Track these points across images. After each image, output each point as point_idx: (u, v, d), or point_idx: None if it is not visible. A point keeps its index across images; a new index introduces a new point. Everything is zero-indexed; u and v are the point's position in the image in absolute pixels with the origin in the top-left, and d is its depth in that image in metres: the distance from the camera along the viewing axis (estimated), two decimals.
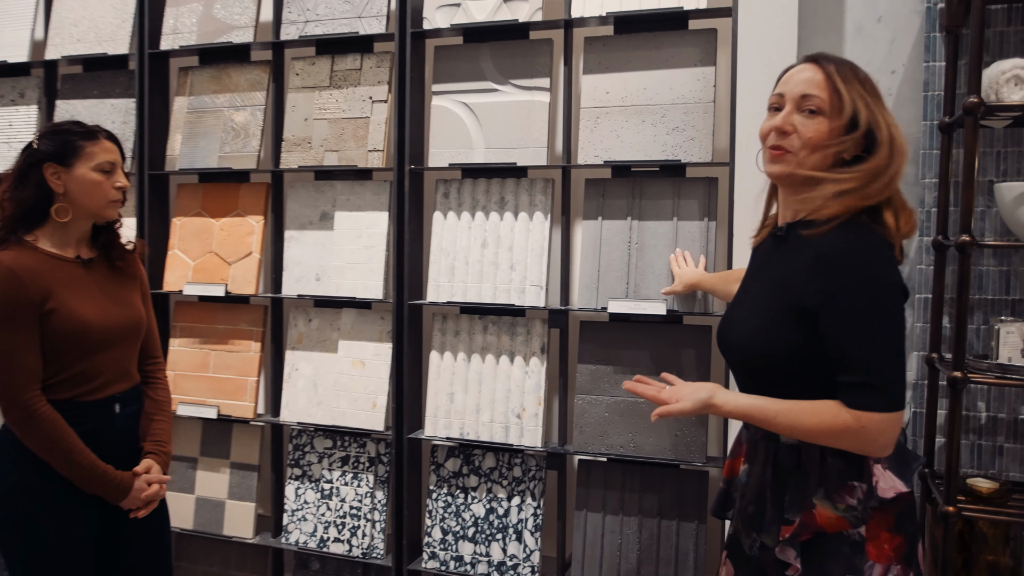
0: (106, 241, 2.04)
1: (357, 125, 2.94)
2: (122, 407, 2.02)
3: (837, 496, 1.48)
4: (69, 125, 1.94)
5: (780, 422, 1.48)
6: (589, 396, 2.67)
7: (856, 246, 1.44)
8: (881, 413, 1.40)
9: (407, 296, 2.84)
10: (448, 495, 2.86)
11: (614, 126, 2.64)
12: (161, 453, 2.07)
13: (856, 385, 1.41)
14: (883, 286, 1.42)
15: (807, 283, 1.46)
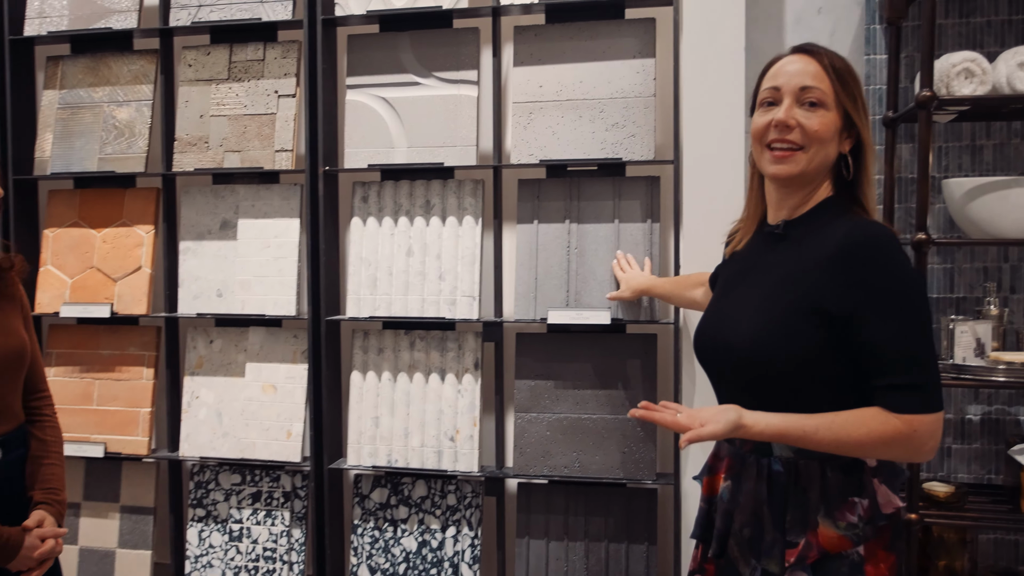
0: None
1: (261, 122, 2.64)
2: (5, 452, 1.73)
3: (839, 514, 1.38)
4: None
5: (822, 436, 1.34)
6: (529, 414, 2.47)
7: (879, 240, 1.33)
8: (930, 414, 1.31)
9: (324, 311, 2.56)
10: (375, 529, 2.60)
11: (549, 122, 2.45)
12: (54, 503, 1.77)
13: (902, 387, 1.31)
14: (913, 280, 1.33)
15: (826, 281, 1.35)
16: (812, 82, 1.40)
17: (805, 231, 1.43)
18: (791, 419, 1.36)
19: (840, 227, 1.36)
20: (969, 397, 2.40)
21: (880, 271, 1.31)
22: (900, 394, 1.31)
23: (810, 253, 1.39)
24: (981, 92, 2.04)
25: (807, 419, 1.35)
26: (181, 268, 2.70)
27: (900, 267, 1.32)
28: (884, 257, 1.32)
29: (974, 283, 2.39)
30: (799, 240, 1.43)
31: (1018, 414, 2.38)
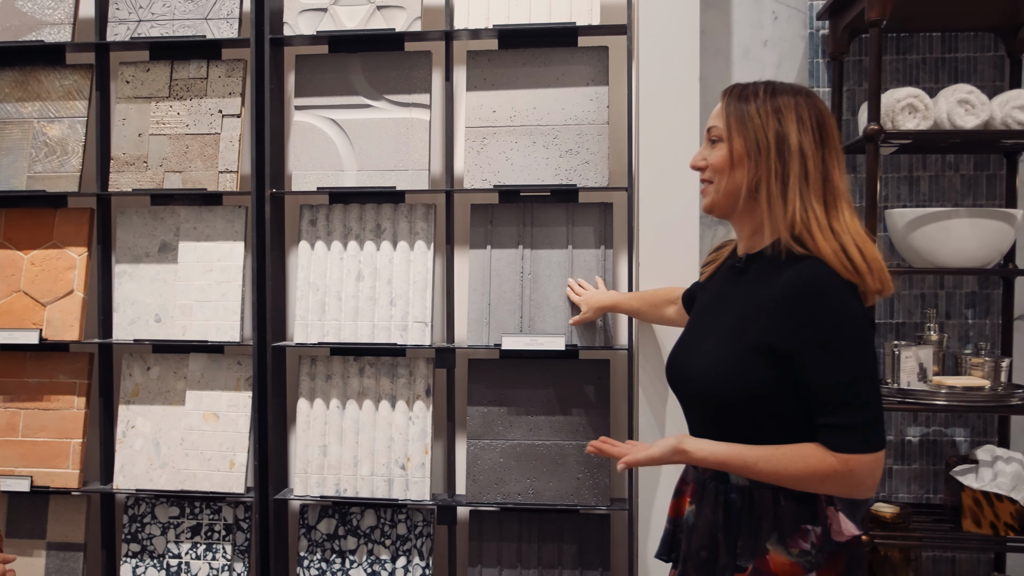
0: None
1: (205, 142, 2.55)
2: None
3: (791, 540, 1.41)
4: None
5: (762, 468, 1.39)
6: (481, 441, 2.44)
7: (823, 284, 1.36)
8: (868, 454, 1.34)
9: (270, 337, 2.48)
10: (322, 561, 2.52)
11: (502, 147, 2.44)
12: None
13: (839, 427, 1.34)
14: (856, 321, 1.35)
15: (775, 321, 1.37)
16: (714, 121, 1.48)
17: (761, 267, 1.46)
18: (734, 449, 1.41)
19: (789, 267, 1.39)
20: (909, 419, 2.48)
21: (823, 313, 1.34)
22: (838, 433, 1.34)
23: (763, 292, 1.41)
24: (924, 127, 2.12)
25: (750, 450, 1.40)
26: (116, 292, 2.59)
27: (843, 310, 1.34)
28: (827, 299, 1.34)
29: (912, 309, 2.48)
30: (756, 276, 1.46)
31: (954, 435, 2.47)
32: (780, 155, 1.41)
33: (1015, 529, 2.17)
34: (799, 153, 1.41)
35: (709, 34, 2.50)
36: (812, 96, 1.45)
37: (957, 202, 2.46)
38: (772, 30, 2.51)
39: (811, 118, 1.42)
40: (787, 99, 1.43)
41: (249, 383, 2.54)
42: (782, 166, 1.41)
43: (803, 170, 1.41)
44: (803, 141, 1.41)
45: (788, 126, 1.41)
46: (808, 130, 1.42)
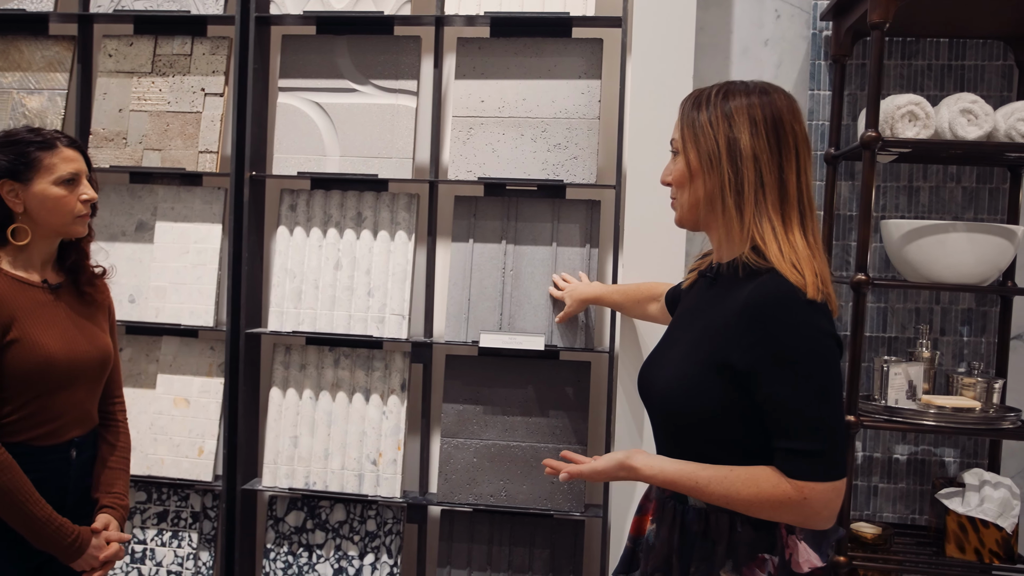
0: (75, 263, 1.78)
1: (186, 121, 2.49)
2: (79, 453, 1.75)
3: (747, 570, 1.32)
4: (23, 133, 1.68)
5: (712, 490, 1.31)
6: (455, 439, 2.38)
7: (782, 299, 1.27)
8: (825, 483, 1.25)
9: (244, 324, 2.42)
10: (289, 554, 2.47)
11: (489, 139, 2.37)
12: (119, 507, 1.80)
13: (796, 452, 1.25)
14: (819, 338, 1.26)
15: (733, 337, 1.30)
16: (673, 133, 1.42)
17: (726, 280, 1.38)
18: (685, 468, 1.34)
19: (750, 281, 1.31)
20: (897, 437, 2.41)
21: (780, 329, 1.26)
22: (794, 458, 1.26)
23: (726, 306, 1.34)
24: (924, 135, 2.04)
25: (702, 470, 1.32)
26: None
27: (804, 326, 1.26)
28: (787, 315, 1.26)
29: (906, 323, 2.40)
30: (722, 289, 1.39)
31: (943, 455, 2.39)
32: (732, 163, 1.33)
33: (1000, 557, 2.10)
34: (752, 159, 1.32)
35: (708, 31, 2.41)
36: (770, 94, 1.35)
37: (958, 215, 2.37)
38: (773, 29, 2.42)
39: (765, 119, 1.32)
40: (739, 101, 1.34)
41: (221, 369, 2.48)
42: (735, 175, 1.32)
43: (758, 178, 1.32)
44: (756, 146, 1.32)
45: (740, 131, 1.32)
46: (762, 134, 1.32)
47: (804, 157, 1.35)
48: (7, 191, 1.65)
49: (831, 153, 2.32)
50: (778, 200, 1.32)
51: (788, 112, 1.34)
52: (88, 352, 1.73)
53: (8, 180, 1.64)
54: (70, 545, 1.66)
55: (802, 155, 1.34)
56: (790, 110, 1.35)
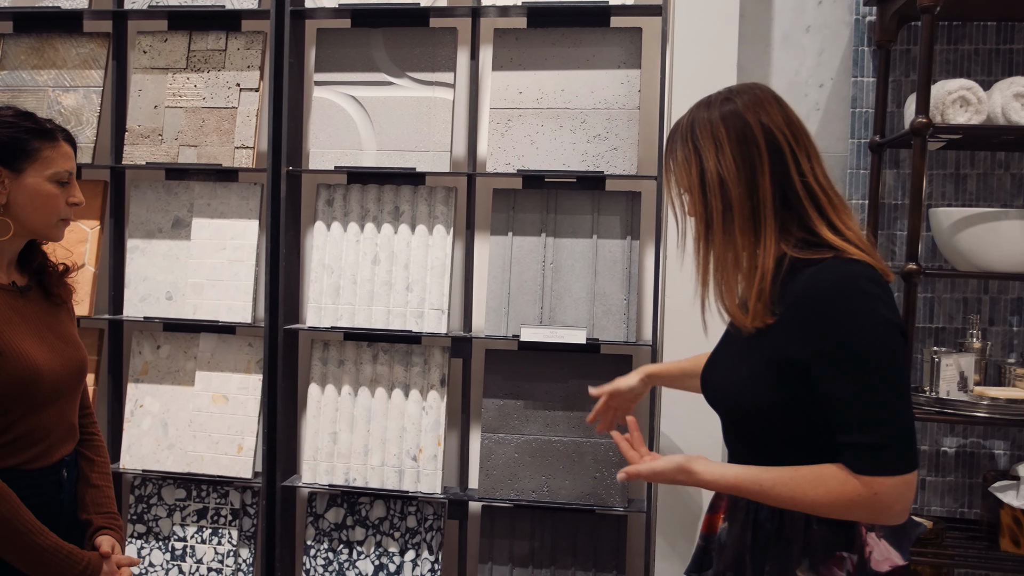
0: (41, 263, 1.59)
1: (221, 116, 2.48)
2: (68, 473, 1.58)
3: (824, 568, 1.28)
4: (15, 117, 1.48)
5: (779, 493, 1.26)
6: (496, 435, 2.36)
7: (836, 285, 1.22)
8: (894, 476, 1.19)
9: (282, 320, 2.41)
10: (329, 551, 2.46)
11: (528, 130, 2.34)
12: (117, 528, 1.63)
13: (862, 447, 1.20)
14: (882, 326, 1.21)
15: (790, 330, 1.26)
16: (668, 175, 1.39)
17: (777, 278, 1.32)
18: (748, 472, 1.30)
19: (801, 272, 1.26)
20: (945, 430, 2.36)
21: (841, 320, 1.21)
22: (862, 453, 1.20)
23: (780, 298, 1.29)
24: (976, 121, 2.00)
25: (765, 473, 1.28)
26: (128, 267, 2.53)
27: (865, 314, 1.20)
28: (846, 305, 1.21)
29: (954, 314, 2.36)
30: None
31: (993, 448, 2.35)
32: (719, 193, 1.30)
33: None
34: (719, 185, 1.29)
35: (747, 18, 2.37)
36: (732, 100, 1.31)
37: (1007, 202, 2.33)
38: (815, 15, 2.38)
39: (729, 135, 1.29)
40: (703, 127, 1.31)
41: (259, 366, 2.47)
42: (722, 202, 1.29)
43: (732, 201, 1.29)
44: (722, 169, 1.29)
45: (707, 161, 1.30)
46: (727, 152, 1.29)
47: (796, 150, 1.29)
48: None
49: (876, 141, 2.28)
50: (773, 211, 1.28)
51: (753, 116, 1.29)
52: (68, 361, 1.55)
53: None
54: (80, 575, 1.48)
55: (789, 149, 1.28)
56: (756, 111, 1.29)
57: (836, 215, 1.30)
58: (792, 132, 1.30)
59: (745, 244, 1.30)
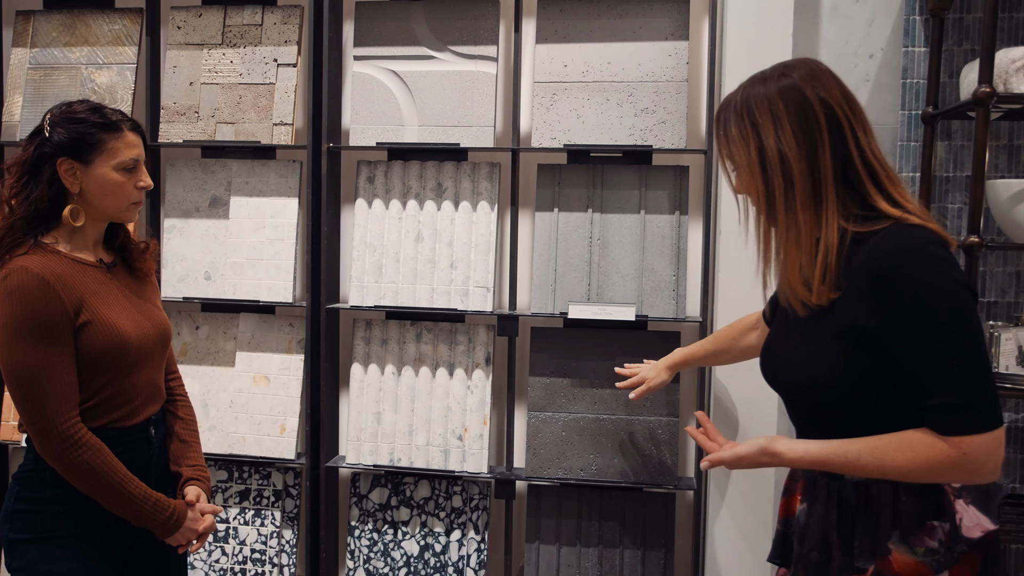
0: (123, 242, 1.73)
1: (259, 93, 2.43)
2: (156, 430, 1.73)
3: (915, 539, 1.27)
4: (85, 112, 1.59)
5: (865, 463, 1.25)
6: (543, 413, 2.33)
7: (902, 250, 1.21)
8: (983, 435, 1.18)
9: (324, 299, 2.38)
10: (374, 531, 2.44)
11: (573, 104, 2.30)
12: (204, 479, 1.78)
13: (947, 408, 1.19)
14: (949, 288, 1.19)
15: (859, 300, 1.24)
16: (721, 151, 1.37)
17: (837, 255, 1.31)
18: (832, 446, 1.29)
19: (864, 243, 1.25)
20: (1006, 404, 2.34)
21: (911, 285, 1.20)
22: (946, 415, 1.19)
23: (845, 276, 1.27)
24: None
25: (850, 444, 1.27)
26: (165, 247, 2.49)
27: (933, 277, 1.19)
28: (915, 269, 1.20)
29: (1006, 287, 2.33)
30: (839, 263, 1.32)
31: None
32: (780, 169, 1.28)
33: None
34: (779, 161, 1.28)
35: None
36: (788, 75, 1.29)
37: None
38: None
39: (788, 110, 1.27)
40: (760, 103, 1.29)
41: (301, 345, 2.44)
42: (783, 179, 1.28)
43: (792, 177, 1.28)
44: (782, 145, 1.28)
45: (766, 137, 1.28)
46: (786, 128, 1.27)
47: (854, 124, 1.28)
48: (65, 169, 1.56)
49: (928, 112, 2.24)
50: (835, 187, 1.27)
51: (811, 85, 1.28)
52: (153, 328, 1.69)
53: (68, 159, 1.56)
54: (167, 520, 1.63)
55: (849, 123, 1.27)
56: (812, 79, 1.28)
57: (894, 188, 1.28)
58: (850, 106, 1.28)
59: (807, 220, 1.28)
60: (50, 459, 1.54)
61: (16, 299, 1.49)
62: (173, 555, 1.78)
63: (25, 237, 1.57)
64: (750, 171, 1.31)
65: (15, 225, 1.57)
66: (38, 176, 1.57)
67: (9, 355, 1.51)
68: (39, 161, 1.57)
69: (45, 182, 1.56)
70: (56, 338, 1.52)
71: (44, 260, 1.54)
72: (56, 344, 1.52)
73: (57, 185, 1.57)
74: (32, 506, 1.60)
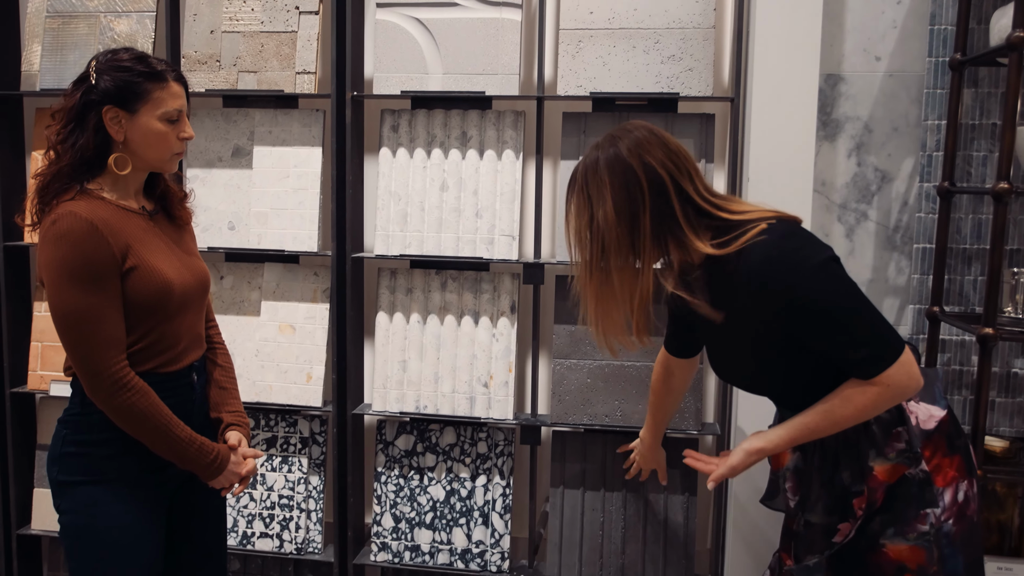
0: (164, 190, 1.75)
1: (280, 41, 2.41)
2: (198, 376, 1.77)
3: (887, 448, 1.52)
4: (131, 61, 1.59)
5: (823, 426, 1.50)
6: (568, 360, 2.36)
7: (767, 259, 1.41)
8: (895, 365, 1.42)
9: (350, 248, 2.39)
10: (400, 477, 2.49)
11: (599, 52, 2.29)
12: (244, 425, 1.83)
13: (863, 360, 1.43)
14: (814, 272, 1.41)
15: (758, 311, 1.45)
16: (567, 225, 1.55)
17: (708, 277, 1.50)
18: (794, 425, 1.52)
19: (729, 266, 1.44)
20: (1016, 351, 2.37)
21: (784, 282, 1.40)
22: (863, 365, 1.43)
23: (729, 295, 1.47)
24: None
25: (807, 418, 1.50)
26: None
27: (798, 271, 1.40)
28: (780, 271, 1.40)
29: None
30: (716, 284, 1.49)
31: None
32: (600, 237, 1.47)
33: None
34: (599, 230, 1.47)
35: None
36: (615, 144, 1.48)
37: None
38: None
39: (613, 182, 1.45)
40: (592, 176, 1.47)
41: (326, 295, 2.46)
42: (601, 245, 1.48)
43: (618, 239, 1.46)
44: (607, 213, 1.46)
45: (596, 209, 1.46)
46: (607, 200, 1.45)
47: (679, 179, 1.46)
48: (111, 118, 1.57)
49: (957, 59, 2.23)
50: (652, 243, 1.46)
51: (635, 154, 1.45)
52: (193, 275, 1.72)
53: (114, 107, 1.57)
54: (211, 463, 1.67)
55: (674, 182, 1.46)
56: (636, 147, 1.46)
57: (730, 205, 1.50)
58: (674, 163, 1.46)
59: (622, 279, 1.48)
60: (99, 402, 1.57)
61: (66, 244, 1.51)
62: (214, 499, 1.83)
63: (71, 183, 1.58)
64: (578, 240, 1.50)
65: (61, 171, 1.58)
66: (84, 123, 1.57)
67: (60, 299, 1.53)
68: (85, 108, 1.57)
69: (91, 130, 1.57)
70: (105, 283, 1.54)
71: (91, 206, 1.56)
72: (105, 289, 1.54)
73: (102, 133, 1.58)
74: (81, 449, 1.63)
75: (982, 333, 1.98)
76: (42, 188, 1.59)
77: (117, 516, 1.63)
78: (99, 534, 1.63)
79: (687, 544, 2.35)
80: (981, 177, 2.33)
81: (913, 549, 1.50)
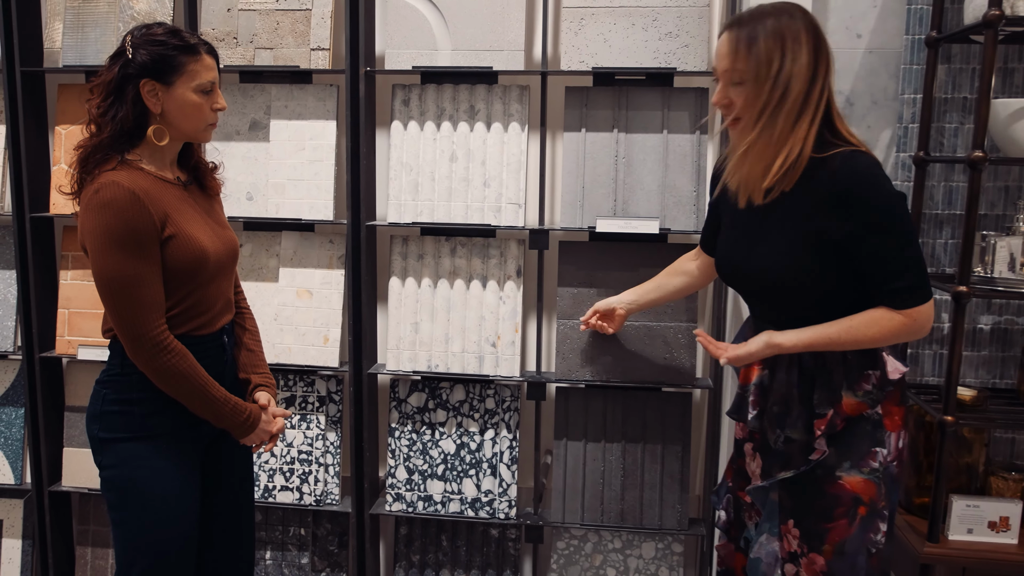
0: (196, 162, 1.87)
1: (295, 18, 2.53)
2: (228, 339, 1.89)
3: (857, 386, 1.68)
4: (165, 35, 1.68)
5: (844, 340, 1.63)
6: (571, 321, 2.52)
7: (862, 173, 1.57)
8: (926, 304, 1.61)
9: (364, 216, 2.53)
10: (413, 432, 2.64)
11: (601, 29, 2.43)
12: (271, 386, 1.96)
13: (902, 290, 1.60)
14: (898, 201, 1.58)
15: (828, 214, 1.59)
16: (729, 63, 1.61)
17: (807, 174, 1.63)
18: (816, 331, 1.65)
19: (828, 165, 1.58)
20: (982, 308, 2.56)
21: (871, 196, 1.56)
22: (902, 294, 1.60)
23: (811, 191, 1.61)
24: None
25: (829, 328, 1.64)
26: None
27: (888, 195, 1.57)
28: (872, 183, 1.57)
29: (995, 201, 2.52)
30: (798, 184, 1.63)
31: None
32: (785, 83, 1.57)
33: None
34: (787, 81, 1.57)
35: None
36: (806, 12, 1.61)
37: None
38: None
39: (809, 43, 1.58)
40: (790, 30, 1.57)
41: (341, 261, 2.59)
42: (782, 94, 1.57)
43: (806, 91, 1.59)
44: (807, 64, 1.58)
45: (797, 53, 1.57)
46: (802, 57, 1.57)
47: (831, 66, 1.63)
48: (148, 90, 1.65)
49: (932, 36, 2.39)
50: (823, 107, 1.61)
51: (818, 27, 1.61)
52: (224, 243, 1.82)
53: (151, 80, 1.65)
54: (244, 422, 1.79)
55: (831, 64, 1.63)
56: (817, 25, 1.61)
57: (842, 122, 1.66)
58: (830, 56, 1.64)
59: (783, 129, 1.58)
60: (141, 364, 1.67)
61: (110, 211, 1.60)
62: (242, 455, 1.97)
63: (111, 154, 1.67)
64: (757, 83, 1.58)
65: (102, 143, 1.67)
66: (122, 96, 1.66)
67: (104, 265, 1.62)
68: (123, 82, 1.65)
69: (129, 102, 1.66)
70: (147, 249, 1.63)
71: (132, 176, 1.65)
72: (147, 255, 1.64)
73: (140, 105, 1.67)
74: (122, 407, 1.74)
75: (957, 291, 2.15)
76: (83, 159, 1.68)
77: (157, 469, 1.75)
78: (141, 486, 1.74)
79: (683, 489, 2.54)
80: (953, 147, 2.50)
81: (866, 483, 1.68)
